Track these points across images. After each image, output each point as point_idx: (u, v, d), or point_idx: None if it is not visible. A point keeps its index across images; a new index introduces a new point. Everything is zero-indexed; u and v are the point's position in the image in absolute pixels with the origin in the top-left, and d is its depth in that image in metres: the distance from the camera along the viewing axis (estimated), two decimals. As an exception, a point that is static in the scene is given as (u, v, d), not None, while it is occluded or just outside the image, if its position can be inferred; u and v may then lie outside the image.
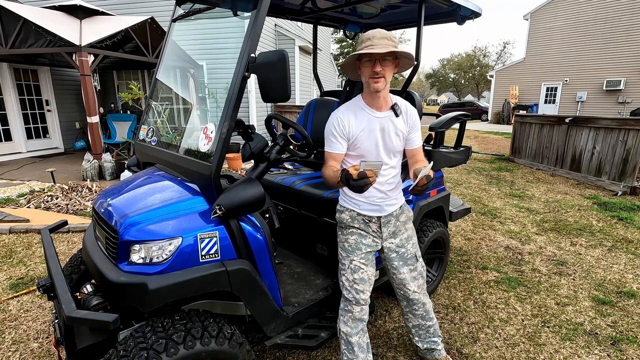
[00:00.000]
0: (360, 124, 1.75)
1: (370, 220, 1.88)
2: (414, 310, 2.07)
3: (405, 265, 1.96)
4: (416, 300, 2.03)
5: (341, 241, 1.94)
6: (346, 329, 1.88)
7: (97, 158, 6.54)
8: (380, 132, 1.78)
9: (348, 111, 1.78)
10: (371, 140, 1.77)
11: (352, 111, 1.78)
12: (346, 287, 1.89)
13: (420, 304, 2.05)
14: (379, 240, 1.93)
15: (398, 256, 1.95)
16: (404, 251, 1.95)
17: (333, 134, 1.78)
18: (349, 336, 1.87)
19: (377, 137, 1.78)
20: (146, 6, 9.31)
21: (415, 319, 2.10)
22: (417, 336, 2.16)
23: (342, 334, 1.89)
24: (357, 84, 2.93)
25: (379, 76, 1.65)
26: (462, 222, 4.62)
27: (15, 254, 3.59)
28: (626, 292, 3.04)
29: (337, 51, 32.28)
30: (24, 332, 2.46)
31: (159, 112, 2.82)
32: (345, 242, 1.92)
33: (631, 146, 5.91)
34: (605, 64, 17.94)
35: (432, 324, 2.12)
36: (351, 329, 1.88)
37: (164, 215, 1.57)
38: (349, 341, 1.87)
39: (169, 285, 1.46)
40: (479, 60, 42.37)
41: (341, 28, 3.38)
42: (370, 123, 1.76)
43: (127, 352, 1.35)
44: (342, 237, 1.94)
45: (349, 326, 1.88)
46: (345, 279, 1.89)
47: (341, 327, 1.89)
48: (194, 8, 2.26)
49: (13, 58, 8.04)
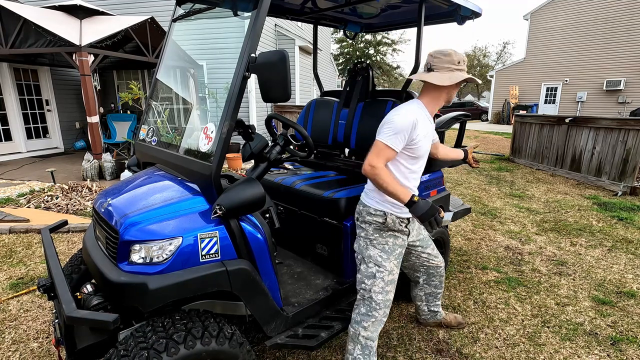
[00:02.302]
0: (423, 128, 1.80)
1: (403, 222, 1.92)
2: (432, 280, 2.35)
3: (427, 246, 2.23)
4: (439, 270, 2.32)
5: (380, 244, 1.90)
6: (367, 334, 1.88)
7: (97, 158, 6.54)
8: (430, 138, 1.91)
9: (419, 112, 1.80)
10: (426, 145, 1.86)
11: (420, 113, 1.81)
12: (380, 290, 1.87)
13: (440, 273, 2.35)
14: (406, 238, 1.99)
15: (420, 242, 2.19)
16: (422, 236, 2.19)
17: (402, 132, 1.71)
18: (370, 340, 1.89)
19: (429, 142, 1.89)
20: (146, 6, 9.31)
21: (430, 288, 2.38)
22: (425, 302, 2.43)
23: (360, 338, 1.88)
24: (358, 83, 2.92)
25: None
26: (462, 222, 4.62)
27: (15, 253, 3.59)
28: (626, 292, 3.04)
29: (337, 51, 32.28)
30: (24, 332, 2.46)
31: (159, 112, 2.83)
32: (386, 245, 1.90)
33: (631, 146, 5.91)
34: (605, 64, 17.94)
35: (441, 291, 2.44)
36: (372, 333, 1.89)
37: (164, 215, 1.57)
38: (370, 346, 1.89)
39: (169, 285, 1.46)
40: (479, 61, 42.35)
41: (341, 28, 3.38)
42: (429, 129, 1.86)
43: (127, 351, 1.35)
44: (382, 239, 1.90)
45: (370, 331, 1.88)
46: (382, 280, 1.87)
47: (361, 332, 1.88)
48: (194, 8, 2.26)
49: (13, 58, 8.03)
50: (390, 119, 1.75)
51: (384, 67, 32.50)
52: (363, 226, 1.94)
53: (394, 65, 33.94)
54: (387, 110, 2.57)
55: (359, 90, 2.91)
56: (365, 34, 19.40)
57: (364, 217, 1.92)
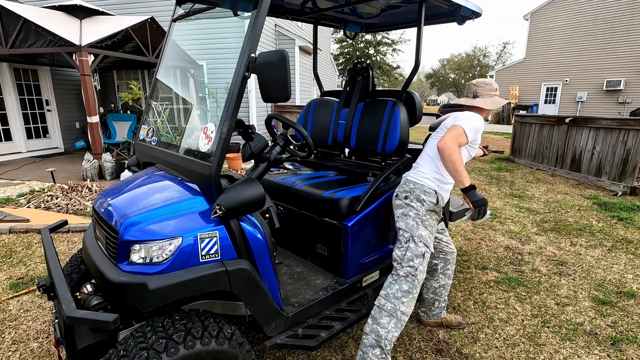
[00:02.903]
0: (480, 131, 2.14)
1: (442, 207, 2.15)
2: (447, 269, 2.45)
3: (444, 231, 2.45)
4: (454, 257, 2.47)
5: (430, 225, 2.08)
6: (404, 309, 1.99)
7: (97, 158, 6.54)
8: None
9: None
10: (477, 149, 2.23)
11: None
12: (422, 270, 2.02)
13: (454, 261, 2.47)
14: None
15: (441, 229, 2.40)
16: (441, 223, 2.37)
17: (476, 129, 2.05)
18: (405, 315, 2.00)
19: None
20: (146, 6, 9.31)
21: (444, 279, 2.46)
22: (436, 295, 2.48)
23: (399, 313, 1.97)
24: (358, 84, 2.92)
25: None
26: (462, 222, 4.62)
27: (15, 253, 3.59)
28: (626, 292, 3.04)
29: (337, 51, 32.28)
30: (24, 332, 2.46)
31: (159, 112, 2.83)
32: (434, 227, 2.11)
33: (631, 146, 5.91)
34: (606, 64, 17.94)
35: (451, 282, 2.52)
36: (408, 308, 2.01)
37: (164, 215, 1.57)
38: (403, 320, 2.00)
39: (169, 285, 1.46)
40: (479, 61, 42.37)
41: (341, 28, 3.38)
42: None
43: (127, 352, 1.35)
44: (432, 221, 2.09)
45: (407, 306, 2.00)
46: (427, 260, 2.04)
47: (400, 307, 1.98)
48: (194, 8, 2.26)
49: (13, 58, 8.03)
50: (468, 115, 2.05)
51: (384, 67, 32.49)
52: (414, 205, 2.07)
53: (394, 65, 33.92)
54: (387, 110, 2.57)
55: (359, 90, 2.91)
56: (365, 34, 19.40)
57: (418, 195, 2.08)
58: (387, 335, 1.95)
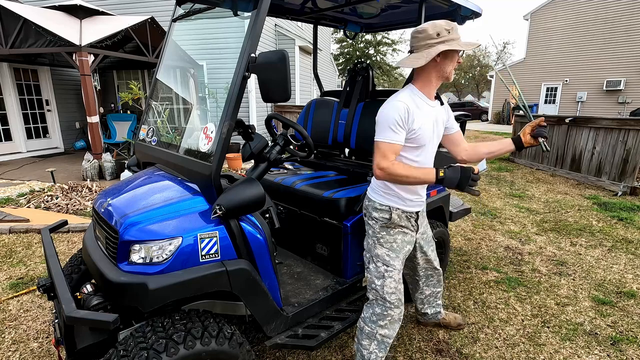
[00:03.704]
0: (421, 113, 1.70)
1: (411, 217, 1.88)
2: (430, 281, 2.33)
3: (429, 245, 2.19)
4: (437, 271, 2.31)
5: (388, 242, 1.85)
6: (385, 332, 1.88)
7: (97, 158, 6.54)
8: (435, 122, 1.79)
9: (411, 100, 1.69)
10: (430, 130, 1.75)
11: (413, 100, 1.70)
12: (391, 290, 1.84)
13: (438, 274, 2.32)
14: (414, 234, 1.94)
15: (424, 241, 2.14)
16: (427, 235, 2.16)
17: (397, 123, 1.63)
18: (388, 338, 1.89)
19: (433, 126, 1.77)
20: (146, 6, 9.31)
21: (429, 289, 2.35)
22: (427, 304, 2.40)
23: (378, 336, 1.88)
24: (358, 83, 2.92)
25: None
26: (462, 222, 4.62)
27: (15, 253, 3.59)
28: (626, 292, 3.04)
29: (337, 51, 32.27)
30: (23, 332, 2.46)
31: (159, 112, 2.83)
32: (394, 243, 1.85)
33: (631, 146, 5.91)
34: (606, 64, 17.94)
35: (440, 289, 2.41)
36: (392, 331, 1.89)
37: (164, 215, 1.57)
38: (385, 342, 1.90)
39: (169, 285, 1.46)
40: (479, 61, 42.35)
41: (341, 28, 3.38)
42: (428, 113, 1.74)
43: (127, 351, 1.35)
44: (389, 237, 1.85)
45: (388, 329, 1.88)
46: (392, 280, 1.84)
47: (378, 330, 1.87)
48: (194, 8, 2.26)
49: (13, 58, 8.04)
50: (381, 113, 1.68)
51: (384, 67, 32.48)
52: (370, 223, 1.88)
53: (394, 65, 33.93)
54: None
55: (359, 90, 2.91)
56: (365, 34, 19.40)
57: (371, 212, 1.88)
58: (371, 357, 1.90)
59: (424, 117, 1.71)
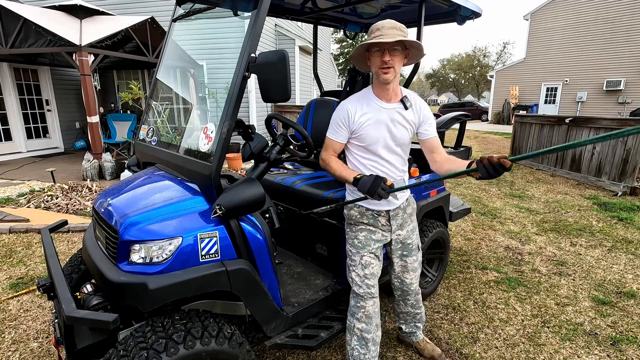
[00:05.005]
0: (367, 114, 1.78)
1: (379, 215, 1.91)
2: (407, 299, 2.16)
3: (409, 255, 2.03)
4: (411, 291, 2.11)
5: (350, 238, 1.95)
6: (361, 325, 1.90)
7: (97, 158, 6.54)
8: (389, 123, 1.80)
9: (356, 101, 1.82)
10: (378, 131, 1.79)
11: (360, 101, 1.82)
12: (357, 283, 1.90)
13: (414, 294, 2.14)
14: (388, 234, 1.95)
15: (403, 246, 2.01)
16: (409, 242, 2.02)
17: (338, 123, 1.83)
18: (365, 332, 1.90)
19: (384, 128, 1.80)
20: (146, 6, 9.31)
21: (405, 307, 2.19)
22: (402, 319, 2.26)
23: (356, 330, 1.90)
24: (358, 83, 2.92)
25: (388, 66, 1.67)
26: (462, 222, 4.62)
27: (15, 253, 3.59)
28: (626, 292, 3.04)
29: (337, 51, 32.28)
30: (23, 331, 2.46)
31: (159, 112, 2.83)
32: (355, 239, 1.93)
33: (631, 146, 5.91)
34: (606, 64, 17.94)
35: (419, 312, 2.21)
36: (367, 324, 1.90)
37: (164, 215, 1.57)
38: (365, 337, 1.90)
39: (169, 285, 1.46)
40: (479, 61, 42.37)
41: (341, 28, 3.38)
42: (378, 114, 1.79)
43: (127, 351, 1.35)
44: (352, 233, 1.95)
45: (364, 322, 1.90)
46: (356, 274, 1.91)
47: (355, 324, 1.90)
48: (194, 8, 2.26)
49: (13, 58, 8.04)
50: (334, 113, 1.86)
51: (384, 67, 32.46)
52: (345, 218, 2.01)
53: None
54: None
55: (358, 90, 2.90)
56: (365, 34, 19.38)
57: (343, 210, 2.01)
58: (353, 352, 1.91)
59: (370, 116, 1.78)
